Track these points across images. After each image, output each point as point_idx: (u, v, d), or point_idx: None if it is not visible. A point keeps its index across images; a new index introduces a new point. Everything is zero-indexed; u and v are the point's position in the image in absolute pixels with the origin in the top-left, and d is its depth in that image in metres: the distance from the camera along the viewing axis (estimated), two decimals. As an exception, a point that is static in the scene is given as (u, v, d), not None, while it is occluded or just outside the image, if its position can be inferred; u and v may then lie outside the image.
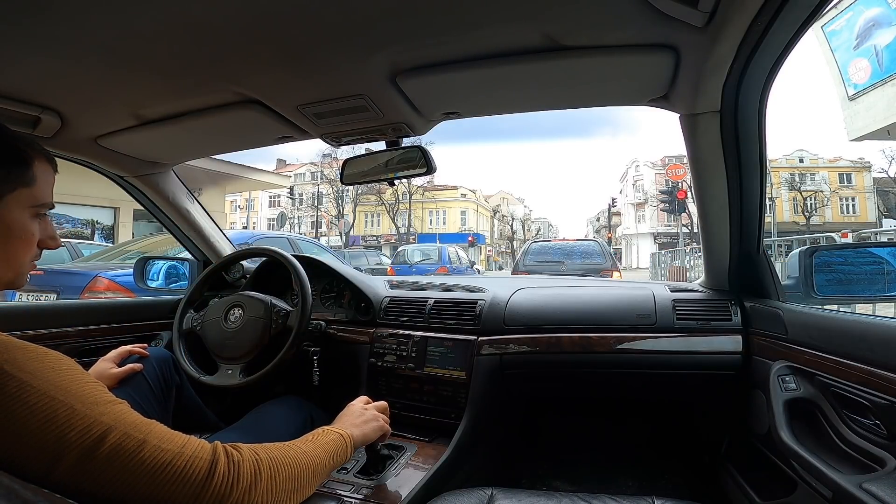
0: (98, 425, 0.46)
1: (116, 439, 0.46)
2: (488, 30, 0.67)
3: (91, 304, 1.34)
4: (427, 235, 27.42)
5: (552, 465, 1.44)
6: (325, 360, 1.26)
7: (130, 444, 0.47)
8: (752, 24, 0.59)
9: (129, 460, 0.46)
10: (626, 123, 65.93)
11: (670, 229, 27.06)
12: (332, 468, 0.69)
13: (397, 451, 1.09)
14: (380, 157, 1.07)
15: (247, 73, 0.77)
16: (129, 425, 0.48)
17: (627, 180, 33.20)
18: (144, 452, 0.47)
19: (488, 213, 36.27)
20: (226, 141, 1.12)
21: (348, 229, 25.93)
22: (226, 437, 0.97)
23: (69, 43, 0.66)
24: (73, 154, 1.10)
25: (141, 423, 0.50)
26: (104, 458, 0.45)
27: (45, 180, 0.57)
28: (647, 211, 30.05)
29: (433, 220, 30.46)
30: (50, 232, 0.59)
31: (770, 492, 0.97)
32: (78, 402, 0.46)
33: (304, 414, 1.16)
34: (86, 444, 0.45)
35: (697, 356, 1.12)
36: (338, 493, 0.91)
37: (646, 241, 29.31)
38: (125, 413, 0.49)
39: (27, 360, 0.46)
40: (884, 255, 1.12)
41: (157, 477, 0.47)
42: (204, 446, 0.53)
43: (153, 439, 0.49)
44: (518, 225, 41.42)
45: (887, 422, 0.69)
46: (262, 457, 0.58)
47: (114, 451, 0.46)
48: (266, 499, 0.54)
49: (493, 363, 1.19)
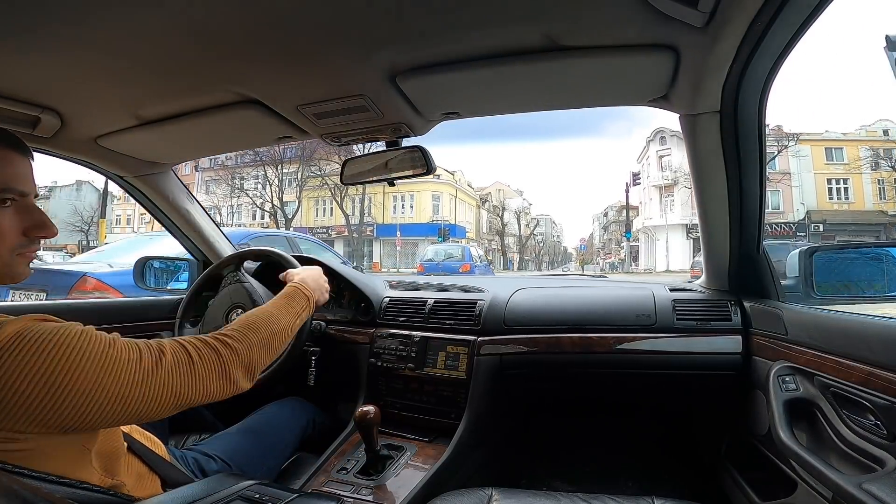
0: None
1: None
2: (488, 30, 0.67)
3: (91, 304, 1.34)
4: (387, 227, 22.20)
5: (552, 465, 1.44)
6: (325, 360, 1.26)
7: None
8: (752, 24, 0.59)
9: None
10: (640, 119, 64.72)
11: None
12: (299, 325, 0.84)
13: (397, 451, 1.09)
14: (380, 157, 1.07)
15: (247, 73, 0.77)
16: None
17: (649, 158, 24.27)
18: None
19: (473, 201, 28.87)
20: (226, 141, 1.12)
21: (291, 217, 21.21)
22: (226, 438, 0.97)
23: (69, 43, 0.66)
24: (73, 154, 1.10)
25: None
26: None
27: (2, 166, 0.54)
28: (677, 195, 21.75)
29: (398, 206, 23.60)
30: (36, 220, 0.57)
31: (770, 492, 0.97)
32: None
33: (306, 415, 1.17)
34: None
35: (697, 356, 1.12)
36: (338, 493, 0.91)
37: (676, 234, 21.74)
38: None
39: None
40: (884, 255, 1.12)
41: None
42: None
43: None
44: (511, 217, 34.01)
45: (887, 422, 0.69)
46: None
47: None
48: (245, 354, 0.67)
49: (493, 363, 1.19)
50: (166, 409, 0.57)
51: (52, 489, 0.51)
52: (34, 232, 0.57)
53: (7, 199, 0.54)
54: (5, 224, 0.54)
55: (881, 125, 19.01)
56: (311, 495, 0.80)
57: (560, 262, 50.74)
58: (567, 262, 49.20)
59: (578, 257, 33.67)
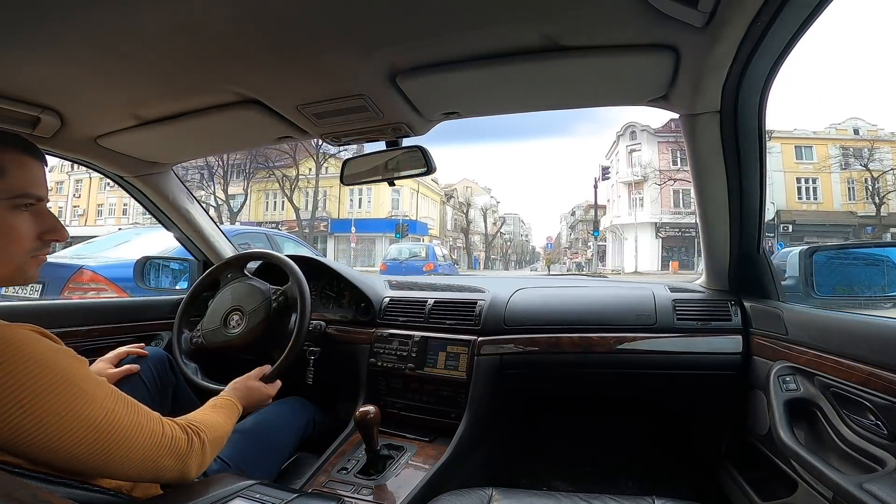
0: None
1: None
2: (488, 30, 0.67)
3: (91, 304, 1.34)
4: (342, 222, 20.75)
5: (552, 465, 1.44)
6: (325, 360, 1.26)
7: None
8: (752, 24, 0.59)
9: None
10: (608, 120, 65.03)
11: (679, 218, 19.75)
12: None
13: (398, 451, 1.09)
14: (380, 157, 1.07)
15: (246, 73, 0.77)
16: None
17: (618, 153, 22.96)
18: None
19: (437, 196, 27.35)
20: (225, 141, 1.12)
21: (237, 211, 19.79)
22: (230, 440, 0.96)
23: (69, 43, 0.66)
24: (73, 154, 1.10)
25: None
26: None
27: (21, 171, 0.56)
28: (646, 192, 20.58)
29: (355, 201, 21.92)
30: (49, 224, 0.59)
31: (770, 492, 0.97)
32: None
33: (306, 415, 1.16)
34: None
35: (697, 356, 1.12)
36: (338, 493, 0.91)
37: (645, 232, 20.69)
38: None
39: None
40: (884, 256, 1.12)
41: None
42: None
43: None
44: (477, 214, 32.47)
45: (888, 422, 0.69)
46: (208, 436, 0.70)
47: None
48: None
49: (493, 363, 1.19)
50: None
51: (53, 489, 0.51)
52: (48, 236, 0.59)
53: (25, 203, 0.56)
54: (23, 228, 0.56)
55: (852, 124, 18.74)
56: (312, 495, 0.80)
57: (528, 262, 50.94)
58: (535, 261, 49.22)
59: (545, 256, 32.97)
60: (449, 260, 12.46)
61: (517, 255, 49.67)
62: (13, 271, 0.56)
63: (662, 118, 23.85)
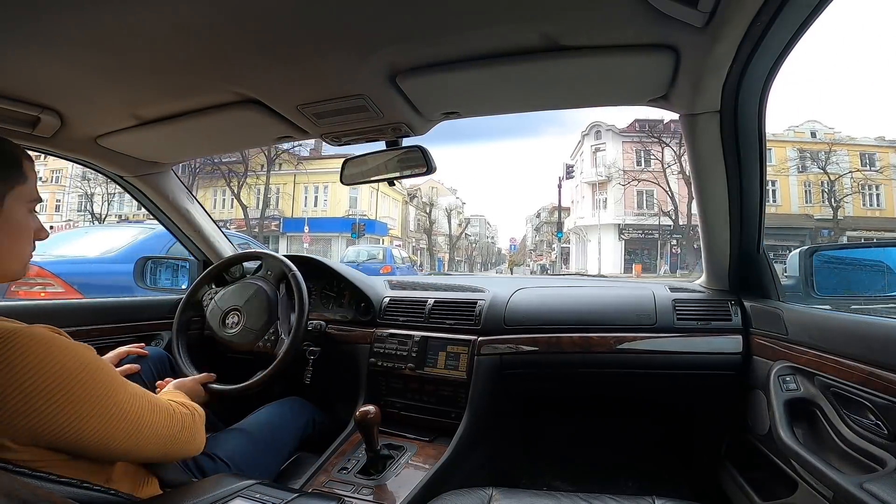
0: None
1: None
2: (488, 30, 0.67)
3: (91, 303, 1.34)
4: (295, 221, 19.61)
5: (552, 465, 1.44)
6: (325, 360, 1.26)
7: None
8: (751, 24, 0.59)
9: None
10: (573, 122, 64.63)
11: (642, 219, 19.65)
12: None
13: (398, 451, 1.09)
14: (379, 157, 1.07)
15: (246, 73, 0.77)
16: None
17: (583, 153, 22.61)
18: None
19: (399, 196, 25.63)
20: (225, 141, 1.12)
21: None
22: (224, 438, 0.97)
23: (69, 43, 0.66)
24: (72, 154, 1.10)
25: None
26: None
27: (34, 177, 0.62)
28: (610, 193, 20.22)
29: (310, 199, 20.66)
30: (38, 224, 0.64)
31: (770, 492, 0.97)
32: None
33: (305, 415, 1.16)
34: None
35: (698, 356, 1.12)
36: (338, 493, 0.91)
37: (608, 234, 20.30)
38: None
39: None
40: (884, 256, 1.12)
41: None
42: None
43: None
44: (441, 215, 30.78)
45: (888, 422, 0.69)
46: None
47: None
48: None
49: (494, 363, 1.19)
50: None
51: (53, 489, 0.51)
52: (39, 234, 0.64)
53: (35, 206, 0.63)
54: (32, 228, 0.62)
55: (809, 126, 18.88)
56: (312, 495, 0.80)
57: (494, 264, 51.11)
58: (501, 262, 49.42)
59: (509, 259, 32.60)
60: (408, 262, 12.49)
61: (483, 256, 49.04)
62: (22, 266, 0.62)
63: (628, 118, 23.49)
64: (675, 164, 17.60)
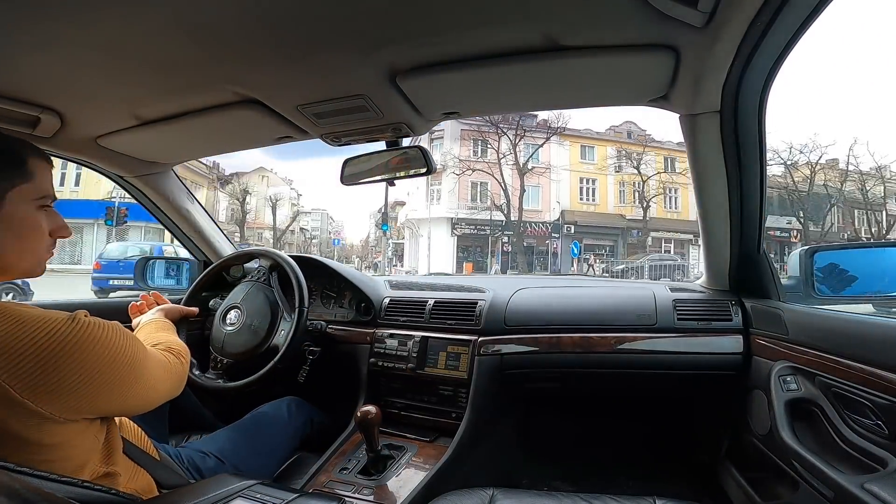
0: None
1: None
2: (488, 30, 0.67)
3: (91, 303, 1.34)
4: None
5: (553, 465, 1.44)
6: (325, 360, 1.26)
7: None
8: (751, 24, 0.59)
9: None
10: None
11: (475, 213, 17.83)
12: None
13: (398, 451, 1.09)
14: (380, 157, 1.07)
15: (246, 73, 0.77)
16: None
17: (421, 140, 11.80)
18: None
19: (202, 179, 20.99)
20: (225, 141, 1.12)
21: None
22: (224, 437, 0.97)
23: (69, 43, 0.66)
24: (73, 154, 1.10)
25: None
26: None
27: (43, 175, 0.62)
28: (445, 183, 17.90)
29: (55, 176, 5.92)
30: (59, 223, 0.65)
31: (771, 492, 0.97)
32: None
33: (303, 415, 1.16)
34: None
35: (698, 356, 1.12)
36: (339, 493, 0.91)
37: (440, 228, 18.16)
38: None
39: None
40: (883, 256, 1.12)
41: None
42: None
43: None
44: (262, 204, 25.71)
45: (888, 422, 0.69)
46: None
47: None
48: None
49: (494, 363, 1.19)
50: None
51: (54, 488, 0.51)
52: (58, 233, 0.65)
53: (46, 204, 0.63)
54: (44, 225, 0.63)
55: (627, 127, 19.64)
56: (312, 495, 0.80)
57: (338, 260, 50.23)
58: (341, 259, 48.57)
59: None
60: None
61: (322, 253, 48.31)
62: (35, 265, 0.63)
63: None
64: (510, 155, 17.21)
